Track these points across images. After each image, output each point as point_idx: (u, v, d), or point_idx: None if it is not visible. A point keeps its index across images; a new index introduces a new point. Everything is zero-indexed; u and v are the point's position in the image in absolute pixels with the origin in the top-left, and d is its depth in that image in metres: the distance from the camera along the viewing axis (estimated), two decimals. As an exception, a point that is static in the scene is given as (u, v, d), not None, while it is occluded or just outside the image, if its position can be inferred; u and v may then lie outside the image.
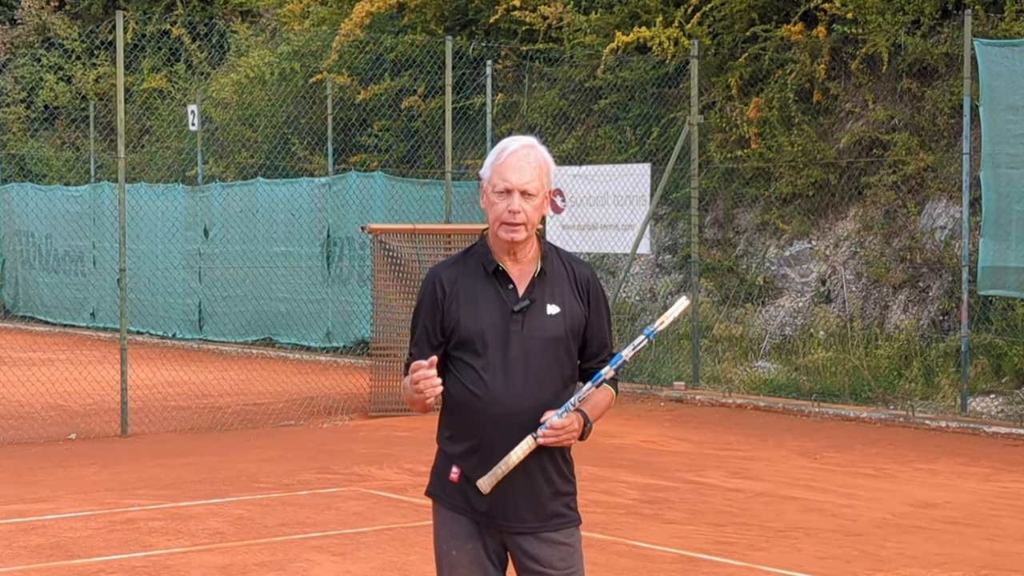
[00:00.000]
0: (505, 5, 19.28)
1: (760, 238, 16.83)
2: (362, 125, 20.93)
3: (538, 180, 4.13)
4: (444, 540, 4.25)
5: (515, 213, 4.10)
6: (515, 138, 4.21)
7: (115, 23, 13.13)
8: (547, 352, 4.15)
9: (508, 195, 4.11)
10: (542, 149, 4.20)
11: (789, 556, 8.06)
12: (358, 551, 8.15)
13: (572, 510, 4.28)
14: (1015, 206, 12.97)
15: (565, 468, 4.24)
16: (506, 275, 4.18)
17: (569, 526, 4.26)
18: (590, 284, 4.25)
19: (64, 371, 14.98)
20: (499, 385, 4.12)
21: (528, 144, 4.18)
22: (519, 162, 4.13)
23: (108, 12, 27.24)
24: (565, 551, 4.23)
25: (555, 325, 4.16)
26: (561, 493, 4.23)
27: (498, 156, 4.16)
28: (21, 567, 7.78)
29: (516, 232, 4.12)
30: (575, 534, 4.29)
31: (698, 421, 13.66)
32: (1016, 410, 13.21)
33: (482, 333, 4.14)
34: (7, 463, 11.22)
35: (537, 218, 4.15)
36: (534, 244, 4.22)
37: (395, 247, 14.03)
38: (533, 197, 4.12)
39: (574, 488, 4.29)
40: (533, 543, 4.20)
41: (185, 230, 21.46)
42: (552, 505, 4.21)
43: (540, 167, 4.15)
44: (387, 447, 12.05)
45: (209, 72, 24.33)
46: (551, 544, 4.21)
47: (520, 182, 4.11)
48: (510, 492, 4.16)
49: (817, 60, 16.33)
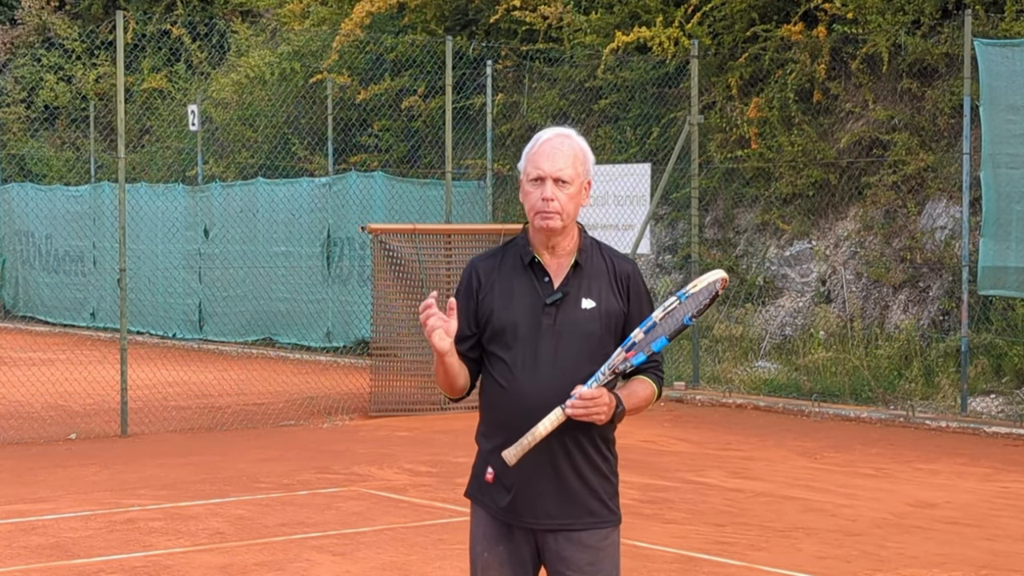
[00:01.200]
0: (505, 5, 19.28)
1: (760, 238, 16.83)
2: (362, 125, 20.93)
3: (573, 168, 4.05)
4: (478, 541, 4.17)
5: (548, 201, 4.01)
6: (551, 128, 4.14)
7: (115, 23, 13.13)
8: (579, 346, 4.04)
9: (541, 183, 4.03)
10: (579, 139, 4.11)
11: (789, 556, 8.06)
12: (358, 551, 8.15)
13: (609, 509, 4.14)
14: (1015, 206, 12.97)
15: (602, 464, 4.12)
16: (542, 267, 4.10)
17: (602, 527, 4.12)
18: (630, 279, 4.14)
19: (64, 371, 14.98)
20: (527, 378, 4.03)
21: (563, 133, 4.11)
22: (552, 150, 4.05)
23: (108, 12, 27.25)
24: (594, 555, 4.10)
25: (589, 319, 4.06)
26: (594, 490, 4.09)
27: (532, 145, 4.10)
28: (21, 567, 7.78)
29: (551, 219, 4.02)
30: (610, 536, 4.14)
31: (698, 421, 13.66)
32: (1016, 410, 13.21)
33: (514, 325, 4.06)
34: (7, 463, 11.22)
35: (573, 208, 4.05)
36: (573, 237, 4.13)
37: (395, 247, 14.03)
38: (567, 185, 4.03)
39: (613, 486, 4.16)
40: (561, 542, 4.08)
41: (185, 230, 21.46)
42: (584, 502, 4.08)
43: (575, 155, 4.07)
44: (387, 447, 12.05)
45: (209, 72, 24.33)
46: (578, 545, 4.09)
47: (553, 169, 4.03)
48: (537, 486, 4.05)
49: (817, 60, 16.33)
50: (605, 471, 4.13)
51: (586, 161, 4.10)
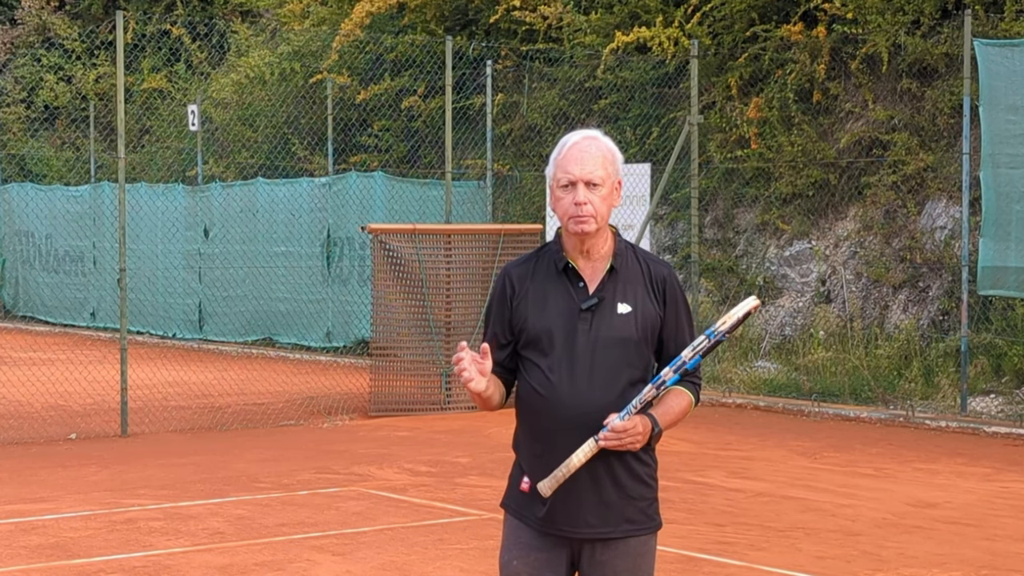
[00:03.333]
0: (505, 5, 19.28)
1: (760, 238, 16.84)
2: (362, 125, 20.93)
3: (603, 169, 3.98)
4: (508, 549, 4.11)
5: (581, 205, 3.94)
6: (577, 132, 4.08)
7: (115, 23, 13.13)
8: (616, 352, 3.97)
9: (572, 188, 3.97)
10: (606, 140, 4.05)
11: (789, 556, 8.06)
12: (358, 551, 8.15)
13: (648, 516, 4.08)
14: (1015, 206, 12.97)
15: (641, 470, 4.06)
16: (576, 272, 4.03)
17: (641, 533, 4.07)
18: (666, 283, 4.06)
19: (64, 371, 14.98)
20: (564, 385, 3.96)
21: (590, 136, 4.04)
22: (580, 153, 3.99)
23: (108, 12, 27.25)
24: (631, 561, 4.05)
25: (626, 325, 3.99)
26: (633, 497, 4.04)
27: (559, 151, 4.03)
28: (21, 567, 7.78)
29: (585, 223, 3.96)
30: (649, 542, 4.10)
31: (698, 421, 13.64)
32: (1016, 410, 13.21)
33: (549, 331, 3.99)
34: (7, 463, 11.22)
35: (606, 210, 4.00)
36: (608, 241, 4.06)
37: (395, 247, 14.03)
38: (599, 187, 3.97)
39: (653, 492, 4.10)
40: (599, 549, 4.02)
41: (185, 230, 21.47)
42: (622, 510, 4.02)
43: (604, 157, 4.00)
44: (387, 447, 12.05)
45: (209, 72, 24.33)
46: (617, 552, 4.03)
47: (583, 173, 3.96)
48: (574, 495, 3.98)
49: (817, 60, 16.33)
50: (644, 477, 4.08)
51: (615, 161, 4.04)
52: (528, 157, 19.00)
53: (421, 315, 14.14)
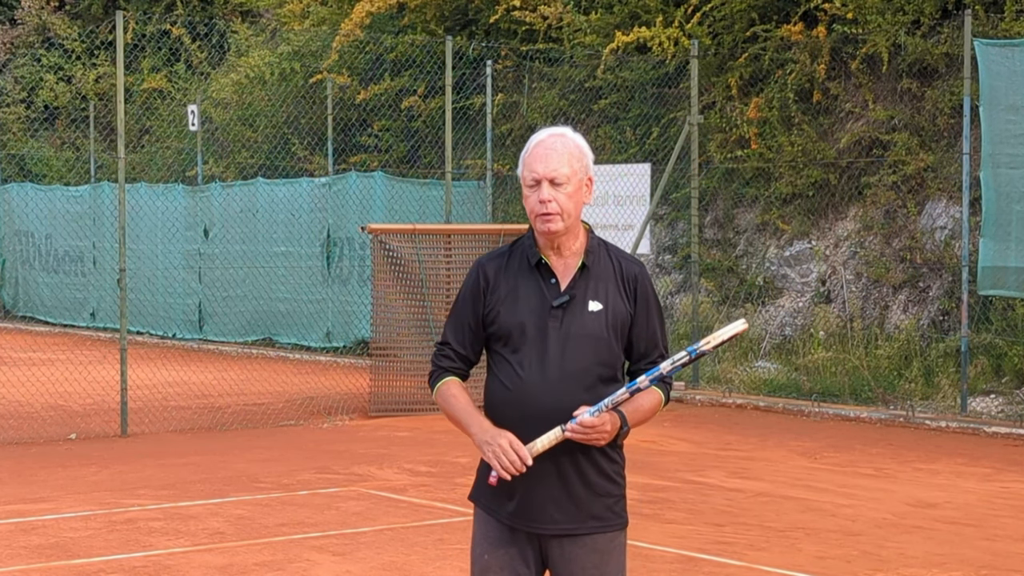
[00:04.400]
0: (505, 5, 19.28)
1: (760, 238, 16.84)
2: (362, 125, 20.93)
3: (567, 167, 3.98)
4: (478, 543, 4.14)
5: (545, 203, 3.96)
6: (545, 129, 4.09)
7: (115, 23, 13.13)
8: (587, 350, 3.99)
9: (538, 186, 3.99)
10: (574, 136, 4.05)
11: (789, 556, 8.06)
12: (358, 551, 8.15)
13: (615, 513, 4.09)
14: (1015, 206, 12.97)
15: (609, 467, 4.06)
16: (549, 269, 4.05)
17: (608, 530, 4.07)
18: (637, 281, 4.07)
19: (64, 371, 14.98)
20: (534, 380, 3.99)
21: (556, 133, 4.05)
22: (545, 151, 4.00)
23: (108, 12, 27.25)
24: (599, 558, 4.06)
25: (596, 322, 4.00)
26: (600, 495, 4.05)
27: (527, 149, 4.05)
28: (21, 567, 7.78)
29: (551, 222, 3.98)
30: (616, 539, 4.10)
31: (698, 421, 13.66)
32: (1016, 410, 13.21)
33: (521, 327, 4.01)
34: (7, 463, 11.22)
35: (573, 207, 4.00)
36: (580, 238, 4.07)
37: (395, 247, 14.03)
38: (564, 185, 3.97)
39: (620, 490, 4.11)
40: (567, 546, 4.04)
41: (185, 230, 21.47)
42: (589, 506, 4.04)
43: (570, 154, 4.00)
44: (387, 447, 12.05)
45: (209, 72, 24.33)
46: (585, 548, 4.04)
47: (547, 171, 3.97)
48: (542, 492, 4.00)
49: (817, 60, 16.33)
50: (611, 474, 4.07)
51: (583, 157, 4.03)
52: (528, 157, 18.98)
53: (421, 315, 14.14)
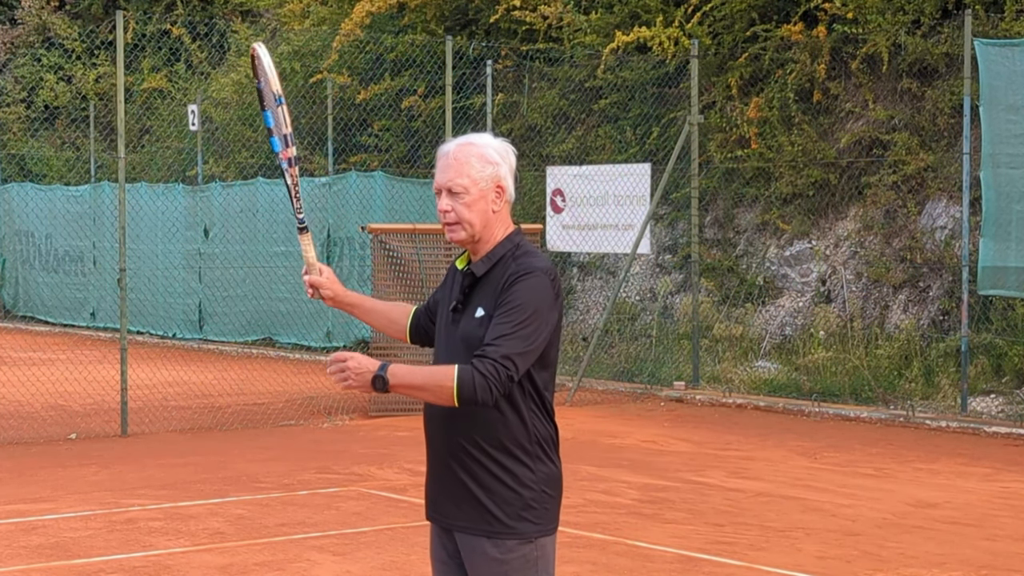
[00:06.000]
0: (505, 5, 19.28)
1: (760, 238, 16.84)
2: (362, 125, 20.93)
3: (465, 177, 3.95)
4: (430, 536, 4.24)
5: (444, 213, 3.99)
6: (458, 138, 4.06)
7: (115, 23, 13.14)
8: (464, 354, 3.92)
9: (439, 196, 4.02)
10: (484, 144, 4.00)
11: (789, 556, 8.06)
12: (358, 551, 8.15)
13: (514, 521, 3.92)
14: (1015, 206, 12.97)
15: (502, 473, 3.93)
16: (462, 273, 4.09)
17: (506, 538, 3.91)
18: (511, 278, 3.93)
19: (64, 371, 14.98)
20: None
21: (463, 142, 4.02)
22: (446, 161, 3.99)
23: (108, 12, 27.25)
24: (497, 568, 3.92)
25: (478, 328, 3.95)
26: (498, 501, 3.92)
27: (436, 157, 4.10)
28: (21, 567, 7.78)
29: (452, 232, 4.00)
30: (516, 549, 3.92)
31: (698, 421, 13.66)
32: (1016, 410, 13.21)
33: (438, 329, 4.15)
34: (7, 463, 11.22)
35: (476, 216, 3.97)
36: (495, 244, 4.03)
37: (395, 247, 14.03)
38: (461, 195, 3.96)
39: (521, 499, 3.92)
40: (465, 546, 3.99)
41: (185, 230, 21.47)
42: (478, 508, 3.93)
43: (470, 162, 3.96)
44: (387, 447, 12.05)
45: (209, 72, 24.33)
46: (479, 554, 3.95)
47: (443, 181, 3.99)
48: (438, 481, 4.03)
49: (817, 60, 16.33)
50: (508, 481, 3.93)
51: (487, 165, 3.97)
52: (528, 157, 18.99)
53: (421, 315, 14.13)
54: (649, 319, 17.21)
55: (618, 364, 16.42)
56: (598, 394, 15.30)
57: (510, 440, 3.94)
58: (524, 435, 3.95)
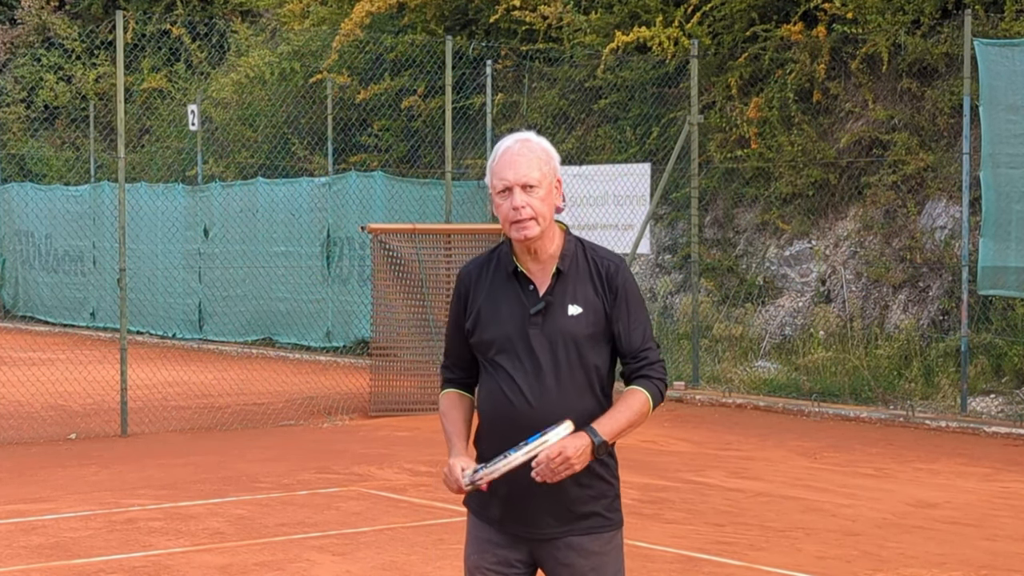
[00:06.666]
0: (505, 5, 19.28)
1: (760, 238, 16.84)
2: (362, 125, 20.93)
3: (538, 170, 3.97)
4: (469, 545, 4.14)
5: (519, 209, 3.93)
6: (511, 136, 4.05)
7: (115, 23, 13.13)
8: (570, 355, 3.94)
9: (509, 193, 3.95)
10: (540, 141, 4.02)
11: (789, 556, 8.06)
12: (358, 551, 8.15)
13: (610, 513, 4.02)
14: (1015, 206, 12.97)
15: (600, 468, 3.98)
16: (526, 276, 4.02)
17: (603, 531, 4.00)
18: (613, 276, 3.99)
19: (64, 371, 14.98)
20: (524, 391, 3.94)
21: (521, 139, 4.01)
22: (512, 158, 3.97)
23: (108, 12, 27.25)
24: (597, 560, 3.99)
25: (577, 326, 3.95)
26: (594, 496, 3.98)
27: (494, 158, 4.02)
28: (21, 567, 7.78)
29: (527, 228, 3.94)
30: (613, 539, 4.03)
31: (698, 421, 13.66)
32: (1016, 410, 13.21)
33: (504, 337, 3.97)
34: (7, 463, 11.22)
35: (547, 210, 3.97)
36: (556, 240, 4.03)
37: (395, 247, 14.03)
38: (535, 189, 3.95)
39: (614, 489, 4.04)
40: (562, 548, 3.98)
41: (185, 230, 21.47)
42: (581, 507, 3.97)
43: (539, 158, 3.99)
44: (387, 447, 12.05)
45: (209, 72, 24.33)
46: (580, 551, 3.98)
47: (517, 177, 3.94)
48: (530, 495, 3.93)
49: (817, 60, 16.33)
50: (603, 475, 4.01)
51: (550, 160, 4.02)
52: (528, 157, 18.98)
53: (421, 315, 14.14)
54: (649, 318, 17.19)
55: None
56: (598, 394, 15.28)
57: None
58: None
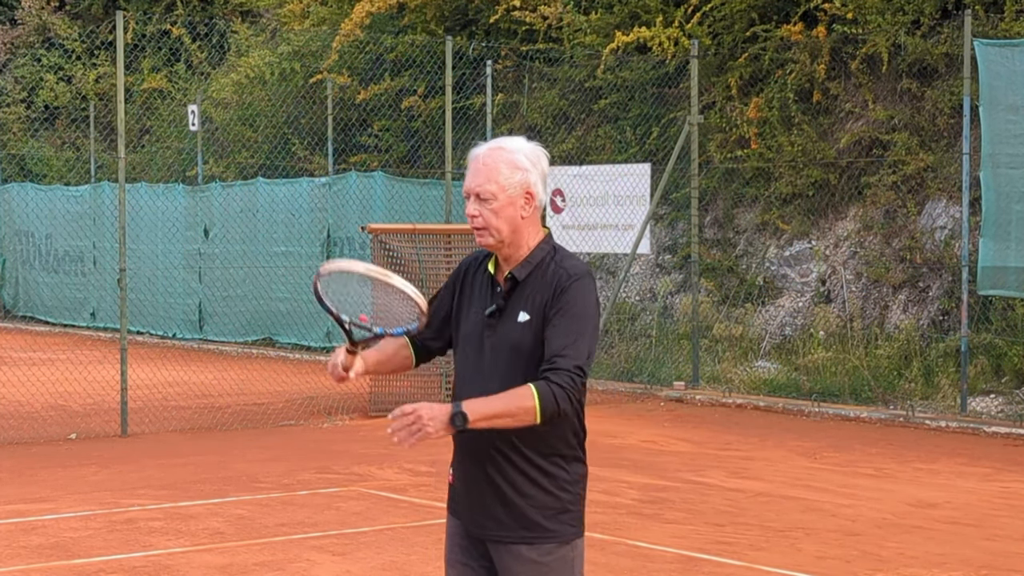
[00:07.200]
0: (505, 5, 19.28)
1: (760, 238, 16.84)
2: (362, 125, 20.93)
3: (493, 183, 3.92)
4: (446, 539, 4.21)
5: (471, 218, 3.96)
6: (490, 142, 4.04)
7: (115, 23, 13.14)
8: (512, 361, 3.93)
9: (468, 199, 3.99)
10: (515, 149, 3.97)
11: (789, 556, 8.06)
12: (358, 551, 8.15)
13: (553, 525, 3.96)
14: (1015, 206, 12.97)
15: (542, 478, 3.95)
16: (495, 279, 4.05)
17: (543, 542, 3.94)
18: (562, 286, 3.92)
19: (64, 371, 14.98)
20: (469, 387, 3.98)
21: (494, 146, 3.98)
22: (475, 165, 3.97)
23: (108, 12, 27.25)
24: (534, 570, 3.94)
25: (523, 333, 3.92)
26: (534, 506, 3.94)
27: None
28: (21, 567, 7.78)
29: (481, 236, 3.97)
30: (555, 552, 3.96)
31: (698, 421, 13.66)
32: (1016, 410, 13.21)
33: (467, 335, 4.05)
34: (7, 463, 11.22)
35: (504, 223, 3.94)
36: (529, 247, 4.00)
37: (395, 247, 14.03)
38: (488, 201, 3.92)
39: (560, 502, 3.96)
40: (503, 553, 3.98)
41: (185, 230, 21.47)
42: (520, 516, 3.95)
43: (500, 168, 3.92)
44: (387, 447, 12.04)
45: (209, 72, 24.33)
46: (519, 559, 3.95)
47: (471, 186, 3.95)
48: (477, 495, 3.99)
49: (817, 60, 16.33)
50: (547, 486, 3.95)
51: (516, 171, 3.93)
52: (528, 157, 18.99)
53: (421, 315, 14.12)
54: (649, 319, 17.21)
55: (618, 364, 16.42)
56: (598, 394, 15.30)
57: (556, 444, 3.97)
58: (570, 439, 3.99)
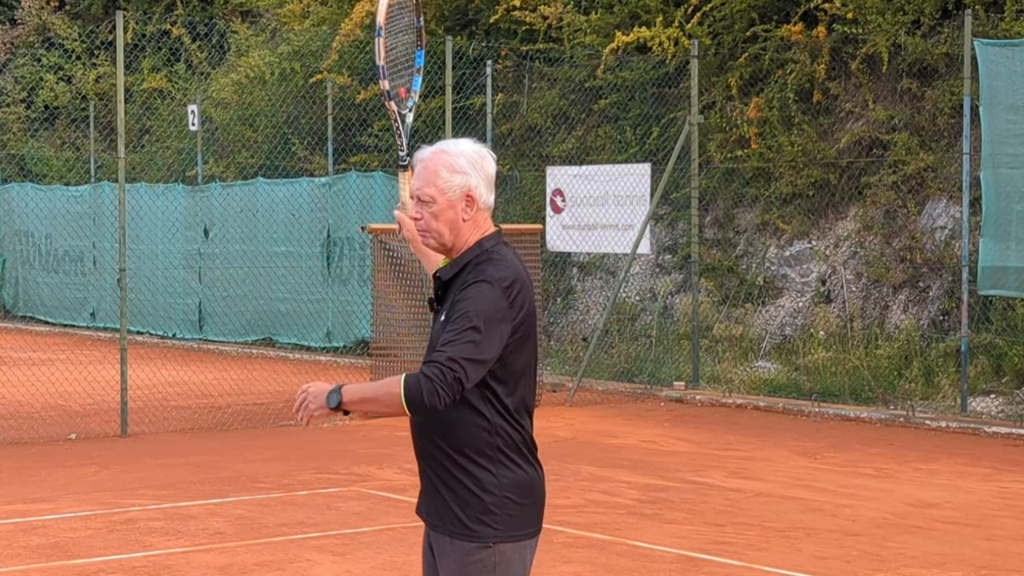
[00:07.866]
0: (505, 5, 19.28)
1: (760, 238, 16.84)
2: (362, 125, 20.93)
3: (432, 186, 3.95)
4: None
5: (415, 220, 4.04)
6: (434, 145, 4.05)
7: (115, 23, 13.14)
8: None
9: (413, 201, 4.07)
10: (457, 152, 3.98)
11: (789, 556, 8.06)
12: (358, 551, 8.15)
13: (474, 525, 3.94)
14: (1015, 206, 12.97)
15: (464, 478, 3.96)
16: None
17: (468, 540, 3.93)
18: (466, 284, 3.92)
19: (64, 371, 14.98)
20: None
21: (438, 148, 4.00)
22: (419, 169, 4.02)
23: (108, 12, 27.24)
24: (450, 564, 3.96)
25: (441, 332, 3.96)
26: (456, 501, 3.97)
27: None
28: (21, 567, 7.78)
29: (424, 238, 4.04)
30: (475, 553, 3.93)
31: (698, 421, 13.66)
32: (1016, 410, 13.21)
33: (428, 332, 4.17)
34: (7, 463, 11.22)
35: (444, 225, 3.97)
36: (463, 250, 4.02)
37: (395, 247, 14.03)
38: (428, 204, 3.97)
39: (483, 504, 3.93)
40: (437, 543, 4.05)
41: (185, 230, 21.47)
42: (445, 509, 4.00)
43: (437, 172, 3.95)
44: (387, 447, 12.05)
45: (209, 72, 24.33)
46: (447, 552, 3.99)
47: (413, 188, 4.02)
48: (425, 488, 4.13)
49: (817, 60, 16.33)
50: (469, 485, 3.96)
51: (455, 175, 3.94)
52: (528, 157, 19.00)
53: (421, 315, 14.13)
54: (649, 319, 17.21)
55: (618, 364, 16.42)
56: (598, 394, 15.30)
57: (471, 445, 3.97)
58: (486, 441, 3.96)
